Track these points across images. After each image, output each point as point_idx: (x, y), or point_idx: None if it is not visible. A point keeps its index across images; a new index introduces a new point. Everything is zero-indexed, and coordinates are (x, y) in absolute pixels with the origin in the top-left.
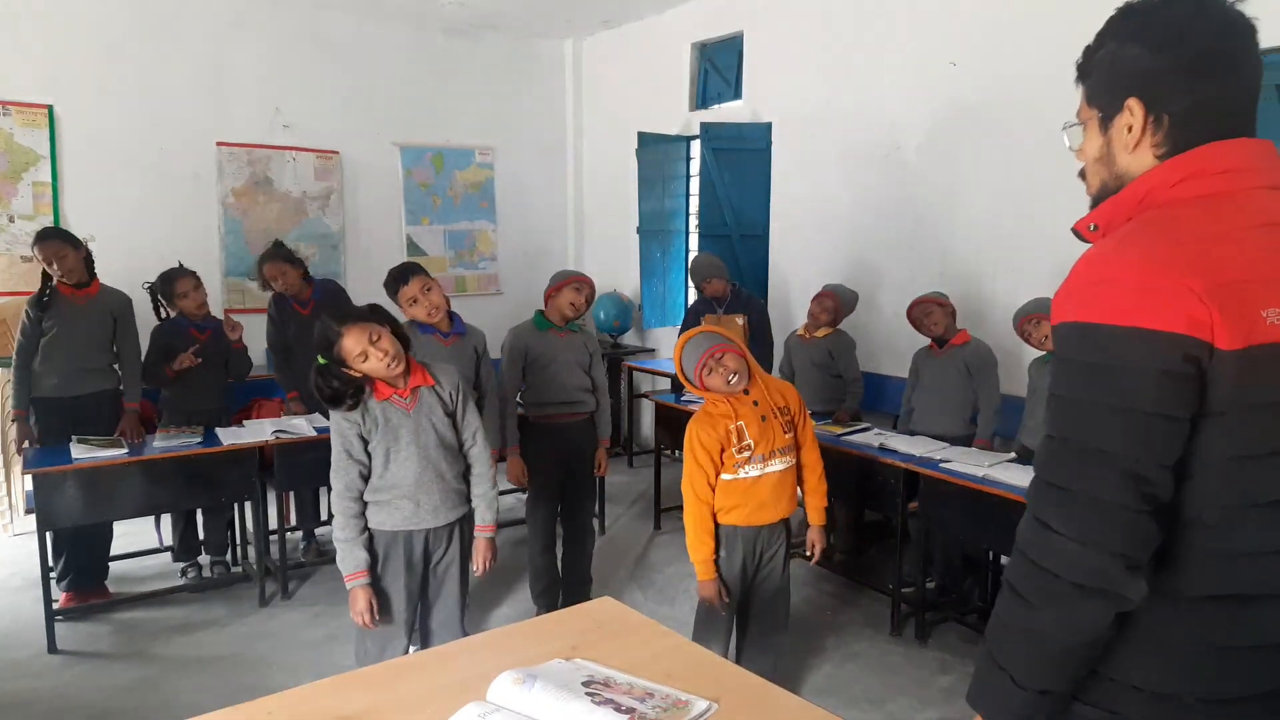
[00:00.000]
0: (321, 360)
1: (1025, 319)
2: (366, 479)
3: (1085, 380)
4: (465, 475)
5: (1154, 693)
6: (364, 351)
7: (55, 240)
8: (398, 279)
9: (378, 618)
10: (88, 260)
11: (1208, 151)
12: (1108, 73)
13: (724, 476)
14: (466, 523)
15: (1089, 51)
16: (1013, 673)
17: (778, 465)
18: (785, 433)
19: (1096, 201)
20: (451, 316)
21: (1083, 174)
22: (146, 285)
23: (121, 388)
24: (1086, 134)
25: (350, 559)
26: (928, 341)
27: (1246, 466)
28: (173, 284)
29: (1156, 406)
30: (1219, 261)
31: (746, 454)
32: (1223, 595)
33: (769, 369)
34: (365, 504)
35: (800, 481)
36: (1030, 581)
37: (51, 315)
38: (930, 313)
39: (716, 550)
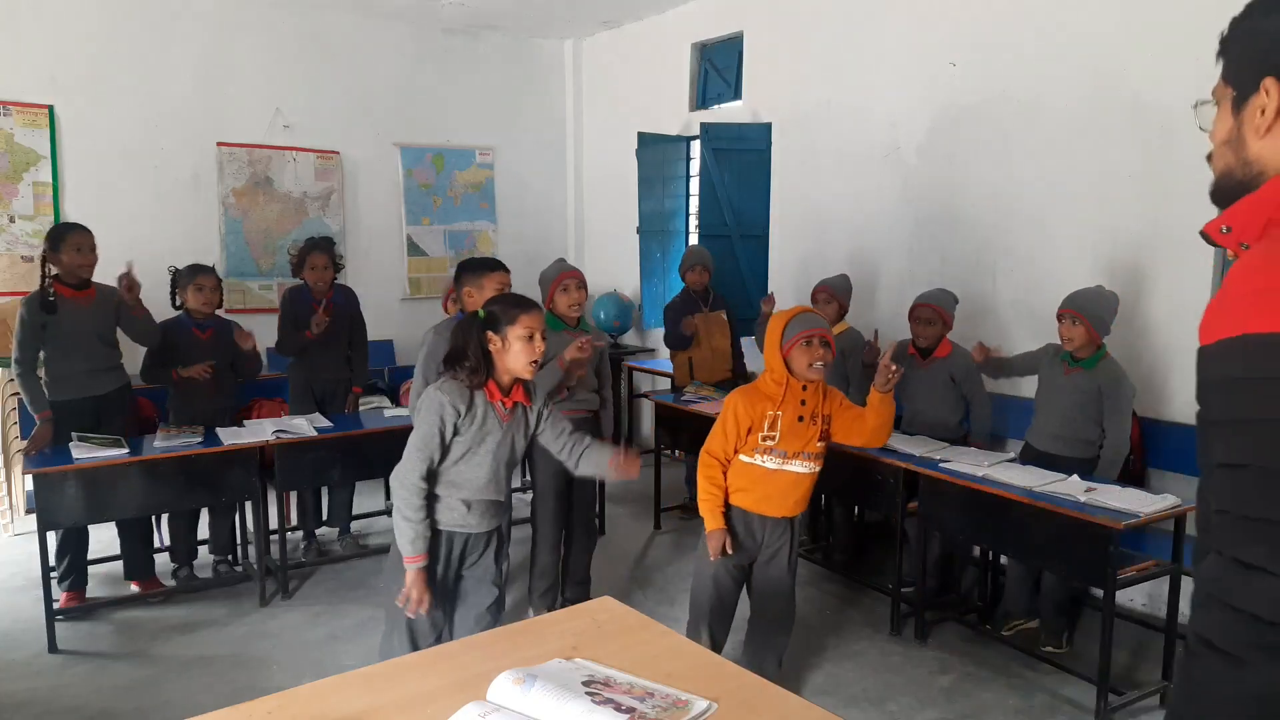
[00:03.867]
0: (482, 314)
1: (1062, 312)
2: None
3: (1262, 396)
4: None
5: None
6: (531, 333)
7: (86, 233)
8: (476, 268)
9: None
10: None
11: None
12: (1247, 49)
13: (742, 457)
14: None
15: (1234, 23)
16: None
17: (798, 467)
18: (818, 440)
19: (1219, 188)
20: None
21: (1210, 157)
22: (172, 269)
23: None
24: (1219, 114)
25: (420, 540)
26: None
27: None
28: (195, 275)
29: None
30: None
31: (770, 444)
32: None
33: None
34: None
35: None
36: (1237, 633)
37: (58, 318)
38: (933, 323)
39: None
